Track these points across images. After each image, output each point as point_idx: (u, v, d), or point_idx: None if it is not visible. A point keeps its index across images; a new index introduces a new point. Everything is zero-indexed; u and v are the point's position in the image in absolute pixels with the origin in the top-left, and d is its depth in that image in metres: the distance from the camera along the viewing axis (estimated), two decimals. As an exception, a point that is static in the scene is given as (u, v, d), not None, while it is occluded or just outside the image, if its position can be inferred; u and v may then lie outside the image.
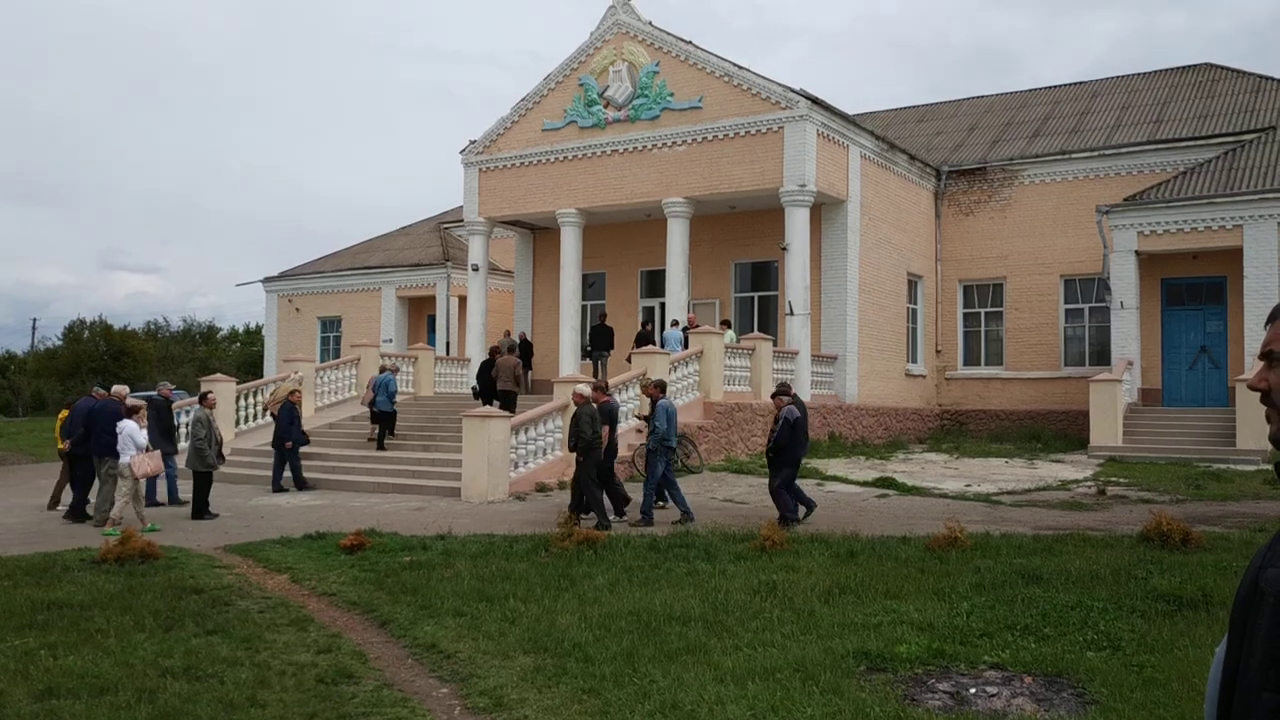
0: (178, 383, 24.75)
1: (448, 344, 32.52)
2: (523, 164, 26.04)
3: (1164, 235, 23.03)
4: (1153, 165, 26.02)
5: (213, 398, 15.74)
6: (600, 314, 25.98)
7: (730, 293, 26.20)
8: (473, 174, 26.95)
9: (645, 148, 24.07)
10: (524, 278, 29.31)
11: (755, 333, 22.71)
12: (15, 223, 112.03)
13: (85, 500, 14.11)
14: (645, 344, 21.44)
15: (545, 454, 16.65)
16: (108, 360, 56.33)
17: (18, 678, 6.23)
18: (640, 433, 16.17)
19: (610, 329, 24.93)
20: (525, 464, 16.35)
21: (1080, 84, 32.16)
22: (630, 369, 19.03)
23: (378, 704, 5.83)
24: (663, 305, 25.08)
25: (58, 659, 6.62)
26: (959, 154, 29.19)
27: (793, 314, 22.38)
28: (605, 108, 24.71)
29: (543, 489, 16.02)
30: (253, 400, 22.26)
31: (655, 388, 14.08)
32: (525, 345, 25.91)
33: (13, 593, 8.50)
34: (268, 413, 20.65)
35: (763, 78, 22.79)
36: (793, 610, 7.67)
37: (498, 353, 20.68)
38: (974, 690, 5.82)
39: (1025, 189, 27.63)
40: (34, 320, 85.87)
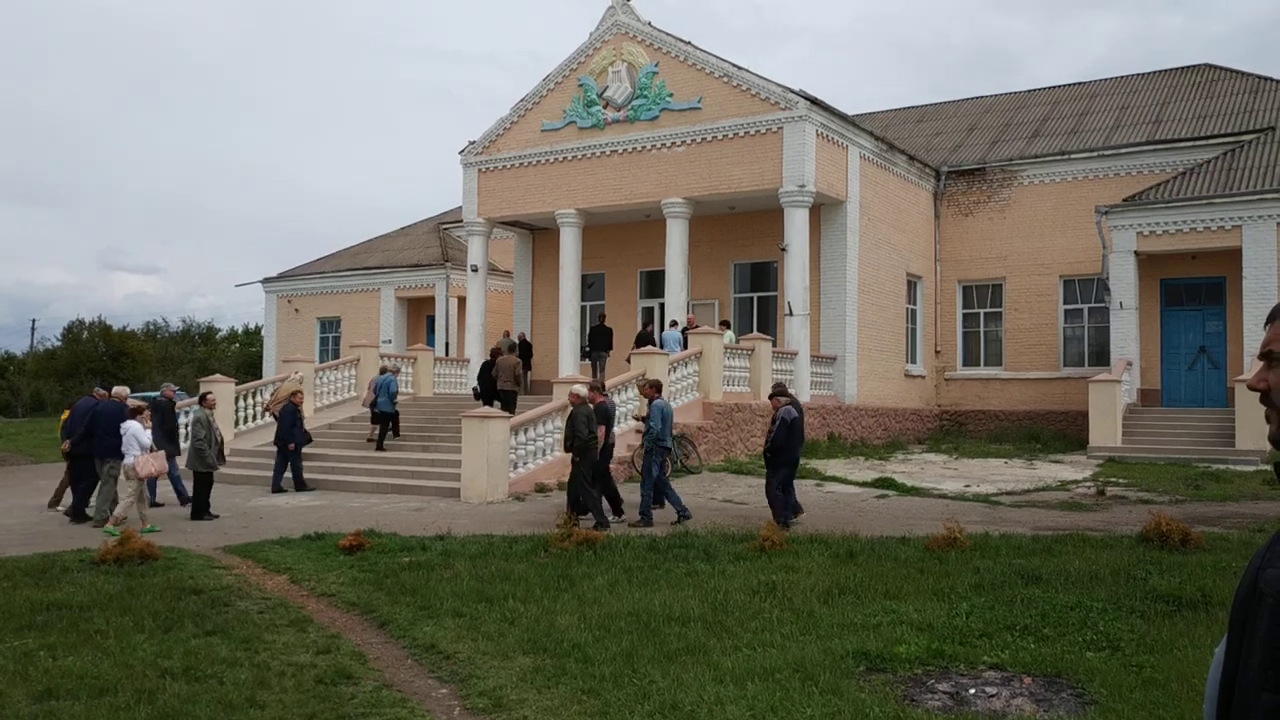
0: (177, 384, 24.70)
1: (447, 345, 32.51)
2: (522, 164, 26.04)
3: (1163, 236, 23.04)
4: (1152, 166, 26.04)
5: (212, 398, 15.75)
6: (599, 315, 25.99)
7: (729, 293, 26.21)
8: (472, 174, 26.95)
9: (644, 148, 24.08)
10: (523, 278, 29.31)
11: (754, 333, 22.70)
12: (15, 223, 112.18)
13: (86, 501, 14.10)
14: (646, 345, 21.44)
15: (544, 454, 16.65)
16: (107, 361, 56.35)
17: (17, 679, 6.23)
18: (640, 433, 16.17)
19: (609, 329, 24.96)
20: (525, 464, 16.36)
21: (1079, 84, 32.17)
22: (630, 369, 19.04)
23: (377, 704, 5.83)
24: (662, 306, 25.08)
25: (57, 660, 6.62)
26: (958, 154, 29.19)
27: (792, 314, 22.39)
28: (604, 108, 24.72)
29: (542, 489, 16.01)
30: (252, 401, 22.25)
31: (651, 388, 14.08)
32: (524, 346, 25.92)
33: (12, 593, 8.50)
34: (268, 413, 20.63)
35: (762, 78, 22.80)
36: (792, 611, 7.67)
37: (499, 353, 20.68)
38: (973, 691, 5.82)
39: (1024, 189, 27.64)
40: (33, 321, 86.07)
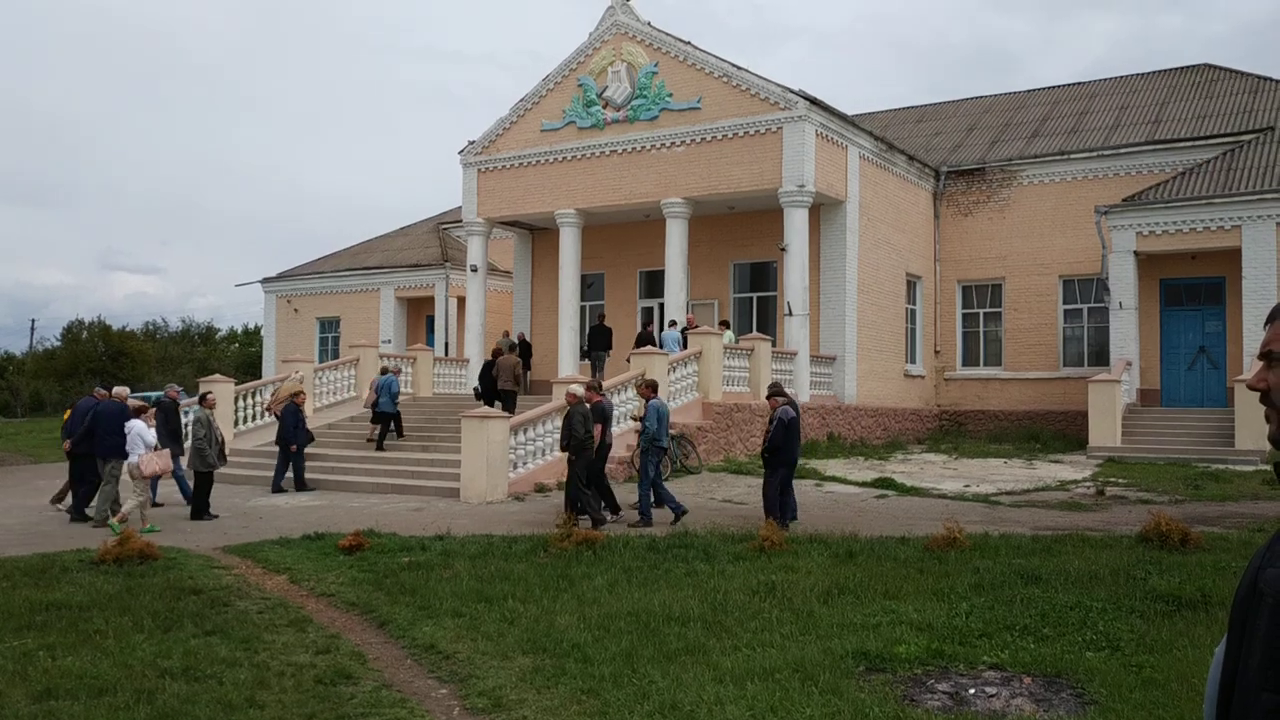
0: (177, 384, 24.65)
1: (446, 345, 32.50)
2: (521, 164, 26.04)
3: (1162, 236, 23.04)
4: (1151, 166, 26.04)
5: (212, 398, 15.76)
6: (599, 314, 25.99)
7: (729, 293, 26.21)
8: (471, 174, 26.94)
9: (644, 148, 24.07)
10: (522, 278, 29.30)
11: (754, 333, 22.70)
12: (15, 223, 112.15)
13: (88, 501, 14.09)
14: (646, 345, 21.44)
15: (544, 454, 16.65)
16: (106, 361, 56.35)
17: (16, 679, 6.22)
18: (639, 433, 16.16)
19: (609, 329, 24.95)
20: (524, 464, 16.35)
21: (1079, 85, 32.18)
22: (629, 370, 19.04)
23: (376, 704, 5.83)
24: (661, 306, 25.08)
25: (56, 660, 6.61)
26: (958, 154, 29.19)
27: (791, 314, 22.38)
28: (604, 108, 24.71)
29: (541, 489, 16.01)
30: (252, 401, 22.24)
31: (646, 388, 14.07)
32: (524, 346, 25.91)
33: (11, 594, 8.49)
34: (270, 413, 20.63)
35: (761, 78, 22.80)
36: (792, 611, 7.67)
37: (500, 353, 20.68)
38: (973, 691, 5.82)
39: (1024, 189, 27.64)
40: (32, 321, 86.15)
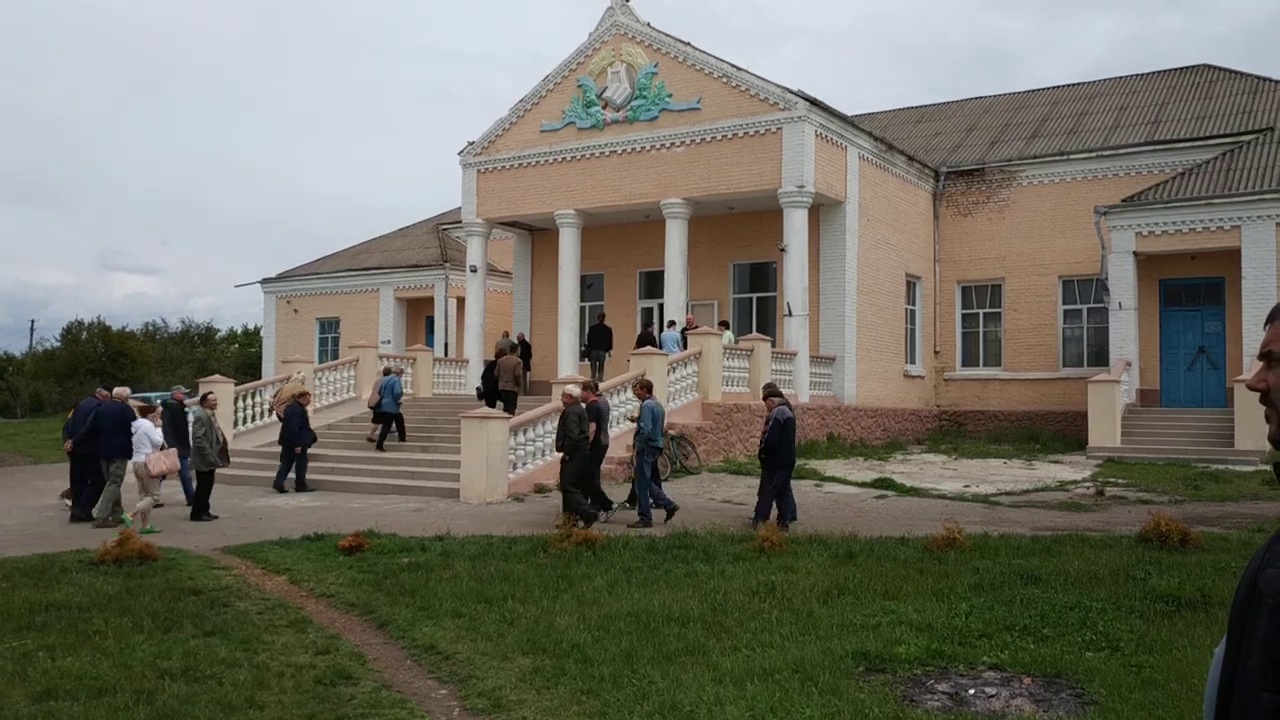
0: (176, 384, 24.63)
1: (446, 345, 32.50)
2: (521, 165, 26.04)
3: (1162, 236, 23.05)
4: (1151, 166, 26.05)
5: (213, 398, 15.75)
6: (599, 315, 25.98)
7: (729, 294, 26.21)
8: (471, 175, 26.95)
9: (644, 149, 24.08)
10: (522, 279, 29.31)
11: (754, 334, 22.71)
12: (14, 223, 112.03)
13: (93, 502, 14.10)
14: (646, 345, 21.43)
15: (543, 455, 16.64)
16: (106, 361, 56.37)
17: (16, 679, 6.22)
18: (635, 434, 16.16)
19: (609, 329, 24.94)
20: (524, 465, 16.35)
21: (1078, 85, 32.20)
22: (630, 370, 19.03)
23: (376, 705, 5.83)
24: (661, 306, 25.08)
25: (56, 660, 6.61)
26: (957, 155, 29.20)
27: (791, 315, 22.39)
28: (604, 109, 24.71)
29: (541, 490, 16.00)
30: (251, 401, 22.23)
31: (641, 388, 14.06)
32: (524, 346, 25.90)
33: (11, 594, 8.49)
34: (273, 413, 20.63)
35: (761, 79, 22.80)
36: (791, 611, 7.67)
37: (502, 354, 20.68)
38: (973, 691, 5.82)
39: (1023, 190, 27.65)
40: (32, 321, 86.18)
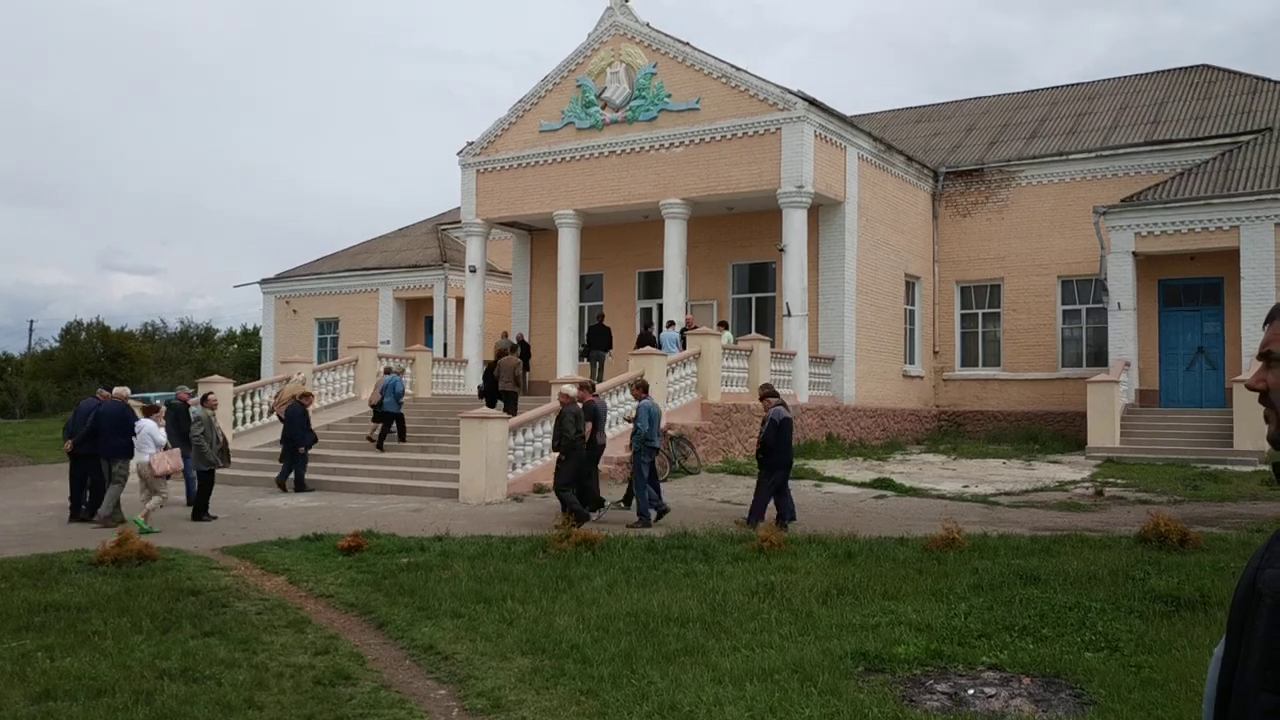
0: (175, 385, 24.60)
1: (445, 346, 32.50)
2: (520, 165, 26.04)
3: (1161, 236, 23.06)
4: (1150, 166, 26.07)
5: (214, 398, 15.75)
6: (598, 315, 25.98)
7: (728, 294, 26.22)
8: (470, 175, 26.94)
9: (643, 149, 24.08)
10: (521, 279, 29.31)
11: (753, 334, 22.71)
12: (14, 223, 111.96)
13: (98, 501, 14.12)
14: (646, 346, 21.43)
15: (542, 455, 16.62)
16: (105, 362, 56.32)
17: (15, 680, 6.22)
18: (632, 434, 16.15)
19: (608, 330, 24.93)
20: (523, 465, 16.35)
21: (1078, 85, 32.23)
22: (629, 371, 19.03)
23: (375, 705, 5.82)
24: (660, 306, 25.08)
25: (55, 661, 6.61)
26: (956, 155, 29.21)
27: (790, 315, 22.39)
28: (603, 109, 24.72)
29: (540, 490, 15.99)
30: (251, 402, 22.21)
31: (638, 388, 14.04)
32: (523, 346, 25.89)
33: (10, 595, 8.49)
34: (273, 414, 20.63)
35: (760, 79, 22.81)
36: (790, 611, 7.67)
37: (504, 354, 20.70)
38: (972, 691, 5.82)
39: (1023, 190, 27.66)
40: (31, 322, 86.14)
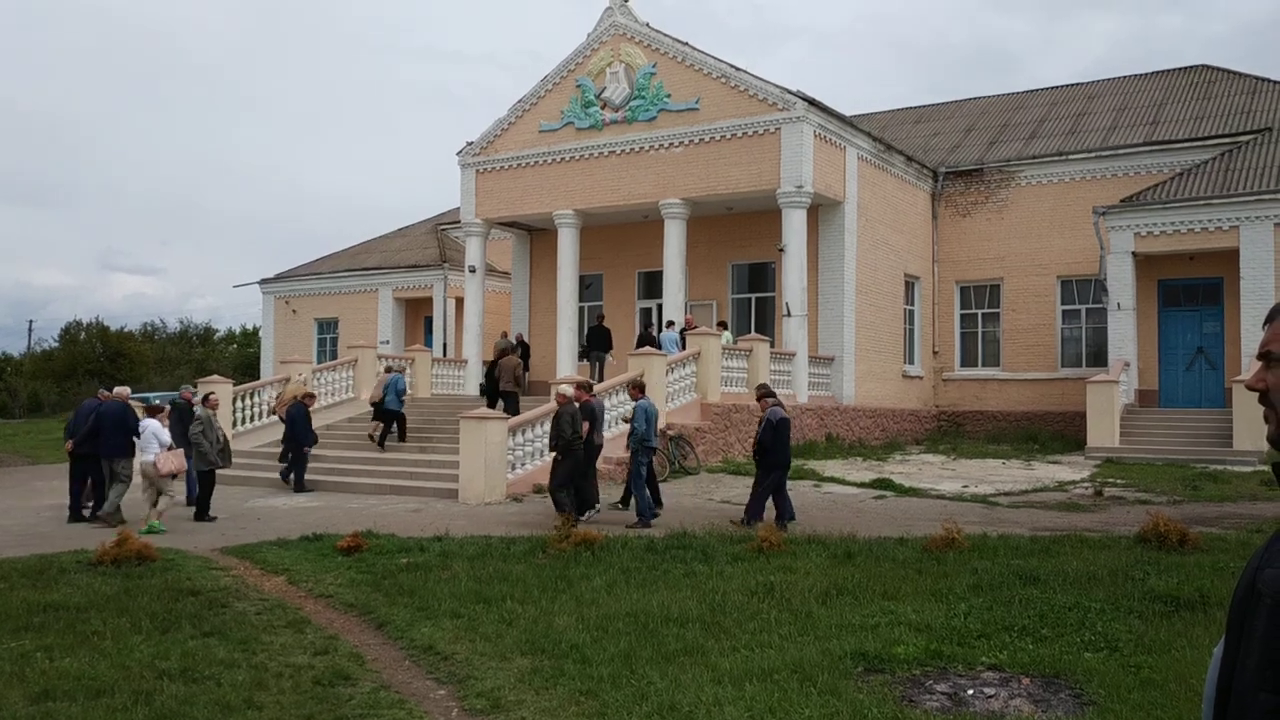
0: (174, 386, 24.63)
1: (445, 346, 32.50)
2: (520, 165, 26.03)
3: (1161, 236, 23.06)
4: (1149, 167, 26.07)
5: (215, 398, 15.74)
6: (598, 315, 25.97)
7: (727, 294, 26.21)
8: (470, 175, 26.94)
9: (642, 149, 24.08)
10: (521, 279, 29.30)
11: (752, 334, 22.72)
12: (14, 223, 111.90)
13: (102, 500, 14.14)
14: (646, 346, 21.42)
15: (542, 455, 16.61)
16: (104, 362, 56.32)
17: (14, 680, 6.21)
18: (629, 434, 16.15)
19: (608, 330, 24.91)
20: (522, 465, 16.35)
21: (1077, 85, 32.23)
22: (629, 371, 19.02)
23: (375, 705, 5.82)
24: (660, 307, 25.08)
25: (54, 661, 6.60)
26: (956, 155, 29.21)
27: (790, 315, 22.39)
28: (602, 109, 24.71)
29: (540, 490, 15.95)
30: (250, 402, 22.20)
31: (634, 388, 14.03)
32: (523, 347, 25.89)
33: (9, 595, 8.48)
34: (274, 414, 20.63)
35: (759, 79, 22.81)
36: (790, 611, 7.67)
37: (506, 353, 20.72)
38: (971, 691, 5.82)
39: (1022, 190, 27.66)
40: (30, 322, 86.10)
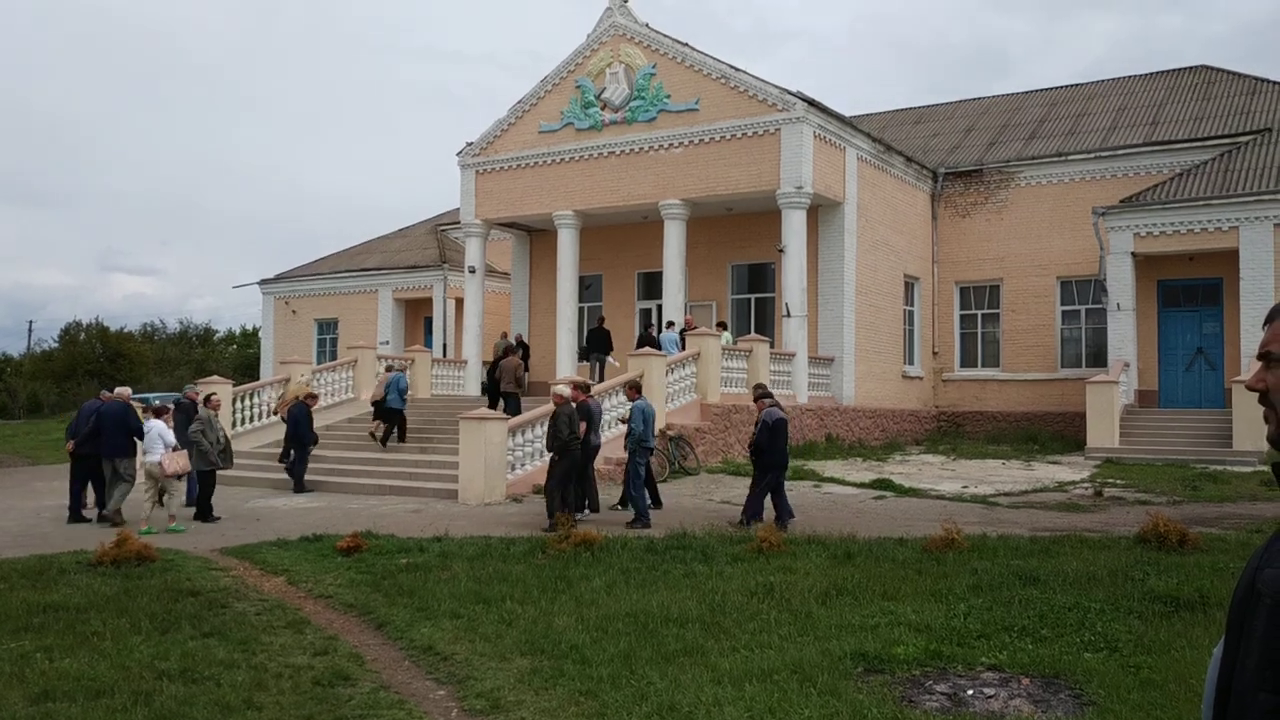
0: (174, 386, 24.63)
1: (444, 346, 32.49)
2: (519, 166, 26.03)
3: (1160, 237, 23.07)
4: (1149, 167, 26.08)
5: (217, 399, 15.73)
6: (599, 317, 25.96)
7: (727, 295, 26.21)
8: (469, 176, 26.94)
9: (642, 150, 24.08)
10: (520, 280, 29.30)
11: (752, 335, 22.72)
12: (13, 224, 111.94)
13: (102, 501, 14.14)
14: (647, 347, 21.41)
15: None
16: (104, 362, 56.31)
17: (14, 681, 6.21)
18: (627, 435, 16.15)
19: (608, 332, 24.87)
20: (522, 466, 16.36)
21: (1076, 86, 32.23)
22: (628, 371, 19.01)
23: (374, 706, 5.82)
24: (660, 307, 25.08)
25: (53, 662, 6.60)
26: (955, 156, 29.22)
27: (789, 316, 22.39)
28: (602, 110, 24.72)
29: (539, 491, 15.96)
30: (250, 403, 22.19)
31: (631, 389, 14.02)
32: (522, 347, 25.88)
33: (8, 595, 8.48)
34: (277, 414, 20.63)
35: (759, 80, 22.81)
36: (790, 612, 7.67)
37: (510, 352, 20.74)
38: (971, 692, 5.82)
39: (1022, 191, 27.67)
40: (30, 322, 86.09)
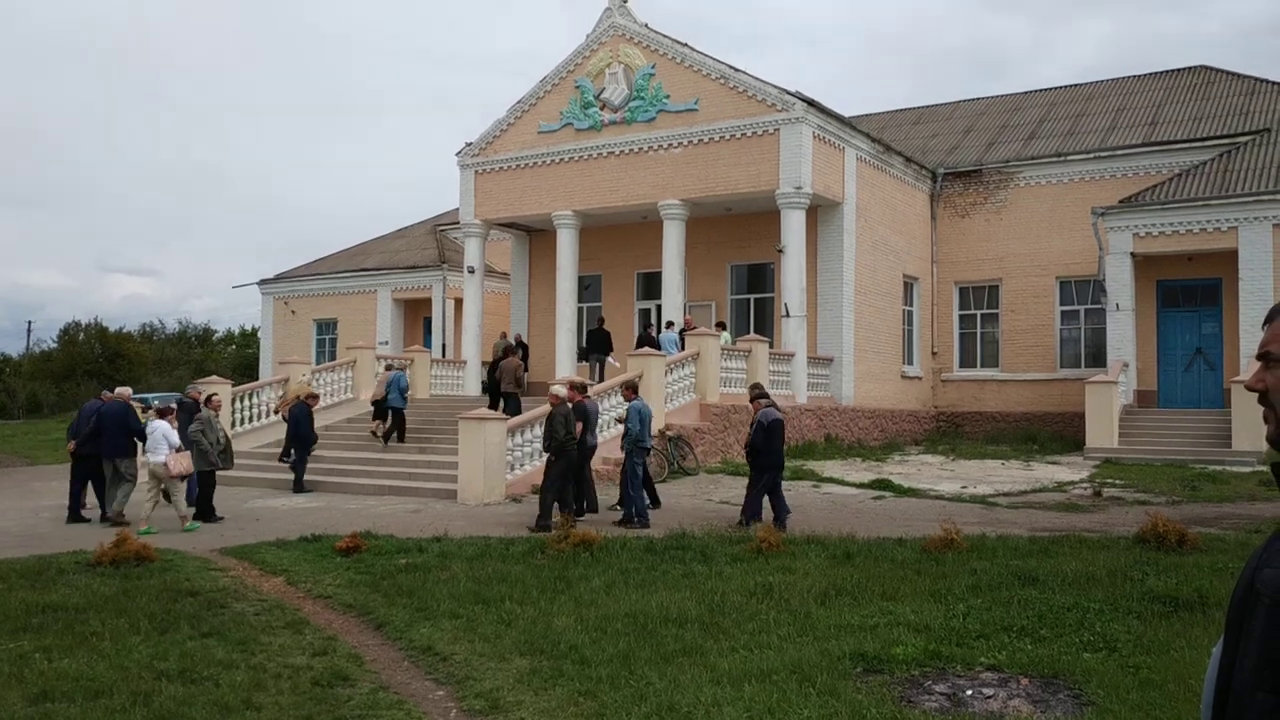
0: (173, 386, 24.62)
1: (444, 346, 32.48)
2: (519, 166, 26.03)
3: (1159, 237, 23.08)
4: (1148, 167, 26.09)
5: (218, 400, 15.74)
6: (598, 317, 25.94)
7: (726, 295, 26.21)
8: (469, 176, 26.93)
9: (641, 150, 24.08)
10: (520, 280, 29.30)
11: (751, 335, 22.72)
12: (11, 225, 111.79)
13: (102, 502, 14.13)
14: (646, 347, 21.41)
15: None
16: (103, 363, 56.29)
17: (12, 681, 6.21)
18: (624, 435, 16.15)
19: (608, 333, 24.84)
20: (521, 466, 16.36)
21: (1075, 86, 32.24)
22: (627, 372, 19.01)
23: (373, 706, 5.82)
24: (659, 307, 25.07)
25: (52, 662, 6.60)
26: (954, 156, 29.22)
27: (789, 316, 22.39)
28: (601, 110, 24.72)
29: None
30: (249, 403, 22.18)
31: (628, 389, 14.02)
32: (522, 348, 25.87)
33: (7, 596, 8.48)
34: (278, 414, 20.63)
35: (758, 80, 22.81)
36: (789, 612, 7.67)
37: (511, 352, 20.76)
38: (970, 692, 5.82)
39: (1021, 191, 27.68)
40: (29, 323, 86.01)
